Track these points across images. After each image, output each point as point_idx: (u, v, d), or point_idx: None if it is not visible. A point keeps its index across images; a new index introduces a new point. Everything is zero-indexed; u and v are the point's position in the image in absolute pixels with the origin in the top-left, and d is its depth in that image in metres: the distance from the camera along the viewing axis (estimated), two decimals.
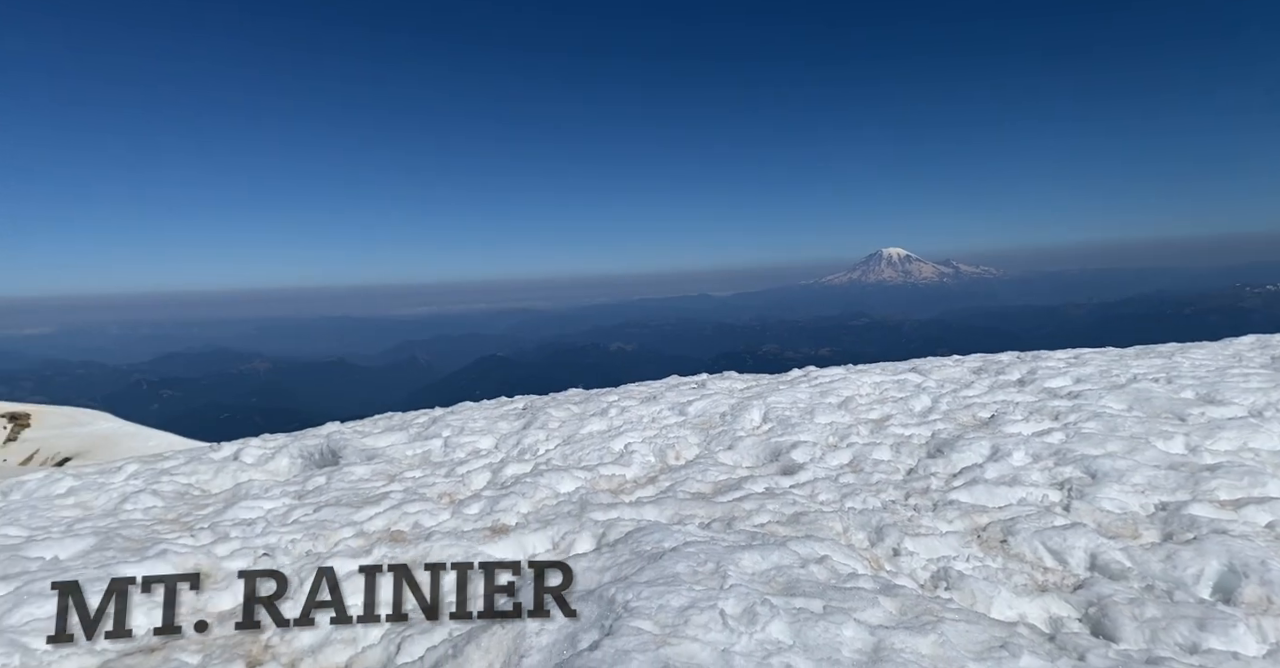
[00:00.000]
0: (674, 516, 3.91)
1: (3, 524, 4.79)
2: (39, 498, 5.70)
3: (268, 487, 5.47)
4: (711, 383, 7.88)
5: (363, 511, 4.48)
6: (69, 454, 41.07)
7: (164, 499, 5.39)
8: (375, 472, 5.67)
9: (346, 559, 3.64)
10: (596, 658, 2.04)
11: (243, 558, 3.79)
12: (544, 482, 4.78)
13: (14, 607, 3.11)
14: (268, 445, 7.04)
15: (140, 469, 6.49)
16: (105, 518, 4.95)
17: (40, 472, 7.42)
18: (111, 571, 3.48)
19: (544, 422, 6.64)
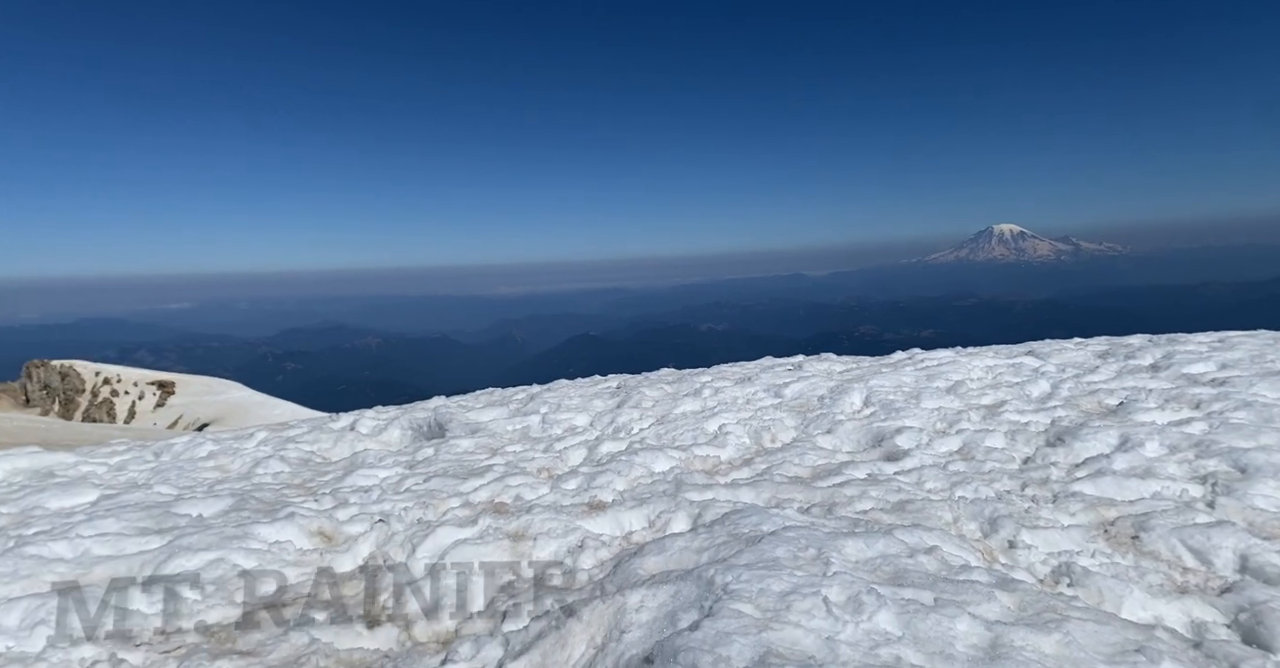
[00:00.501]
0: (771, 499, 3.85)
1: (156, 483, 5.31)
2: (184, 460, 6.28)
3: (381, 456, 5.80)
4: (809, 365, 7.70)
5: (468, 482, 4.66)
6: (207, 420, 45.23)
7: (290, 465, 5.81)
8: (479, 445, 5.90)
9: (454, 528, 3.80)
10: (697, 639, 2.03)
11: (361, 523, 4.03)
12: (639, 460, 4.82)
13: (168, 558, 3.43)
14: (380, 417, 7.46)
15: (269, 437, 7.03)
16: (240, 481, 5.39)
17: (185, 436, 8.19)
18: (248, 530, 3.79)
19: (637, 401, 6.69)
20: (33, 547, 3.62)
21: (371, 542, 3.82)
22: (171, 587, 3.16)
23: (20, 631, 2.69)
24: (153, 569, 3.39)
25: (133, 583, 3.23)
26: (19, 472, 5.92)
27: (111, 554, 3.62)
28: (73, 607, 2.84)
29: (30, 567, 3.37)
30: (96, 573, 3.41)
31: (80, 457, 6.48)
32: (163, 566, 3.40)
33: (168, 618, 2.93)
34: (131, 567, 3.44)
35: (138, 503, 4.60)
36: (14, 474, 5.87)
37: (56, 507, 4.70)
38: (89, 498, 4.87)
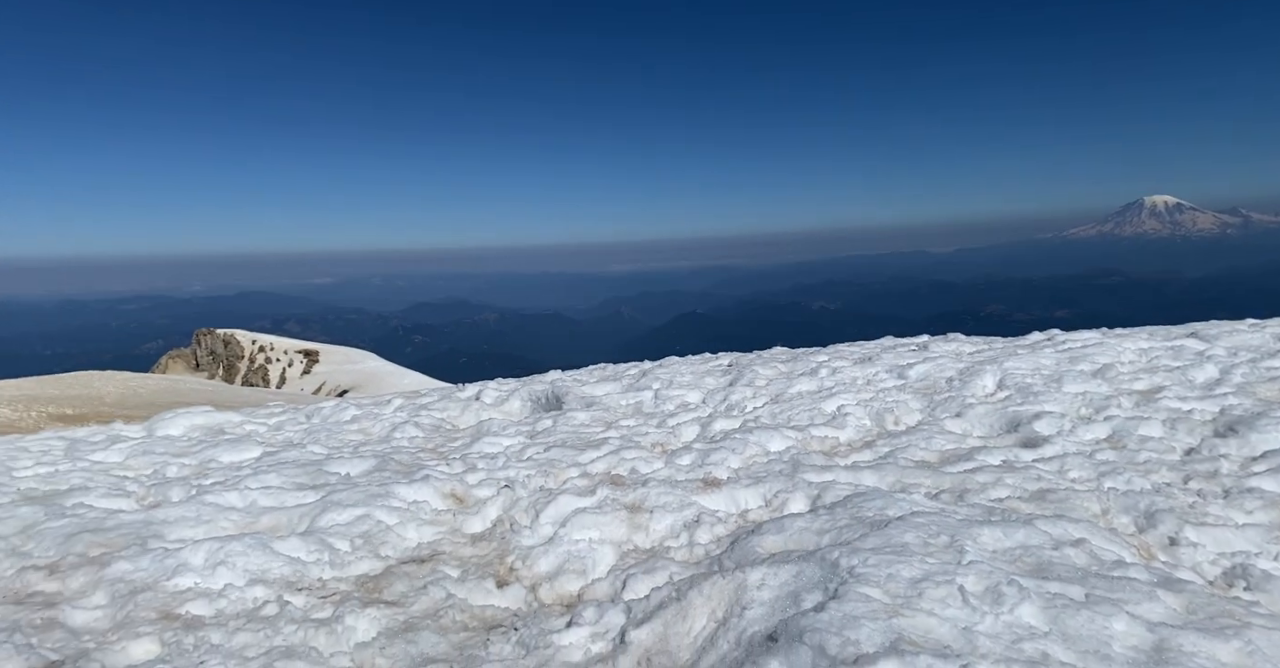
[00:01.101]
0: (895, 483, 3.71)
1: (309, 443, 5.83)
2: (332, 423, 6.85)
3: (504, 426, 6.08)
4: (935, 345, 7.31)
5: (585, 453, 4.79)
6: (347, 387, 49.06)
7: (424, 431, 6.21)
8: (594, 418, 6.05)
9: (574, 497, 3.92)
10: (823, 620, 2.00)
11: (489, 488, 4.25)
12: (753, 439, 4.77)
13: (322, 512, 3.77)
14: (502, 389, 7.80)
15: (404, 404, 7.52)
16: (381, 444, 5.82)
17: (332, 401, 8.93)
18: (389, 489, 4.09)
19: (750, 379, 6.61)
20: (211, 496, 4.08)
21: (499, 506, 4.02)
22: (326, 538, 3.46)
23: (205, 569, 3.04)
24: (309, 522, 3.73)
25: (294, 533, 3.57)
26: (196, 428, 6.68)
27: (274, 506, 4.01)
28: (246, 551, 3.18)
29: (210, 513, 3.81)
30: (263, 522, 3.80)
31: (245, 417, 7.21)
32: (318, 519, 3.74)
33: (324, 566, 3.22)
34: (292, 518, 3.80)
35: (294, 460, 5.07)
36: (192, 430, 6.63)
37: (228, 461, 5.26)
38: (254, 454, 5.43)
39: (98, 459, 5.38)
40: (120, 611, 2.72)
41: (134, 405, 24.25)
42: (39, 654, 2.28)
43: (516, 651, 2.46)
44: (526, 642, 2.50)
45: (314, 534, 3.50)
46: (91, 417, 20.16)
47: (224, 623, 2.63)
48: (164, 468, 5.05)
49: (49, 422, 19.59)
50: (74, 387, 30.29)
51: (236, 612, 2.75)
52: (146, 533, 3.52)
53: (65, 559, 3.24)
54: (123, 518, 3.74)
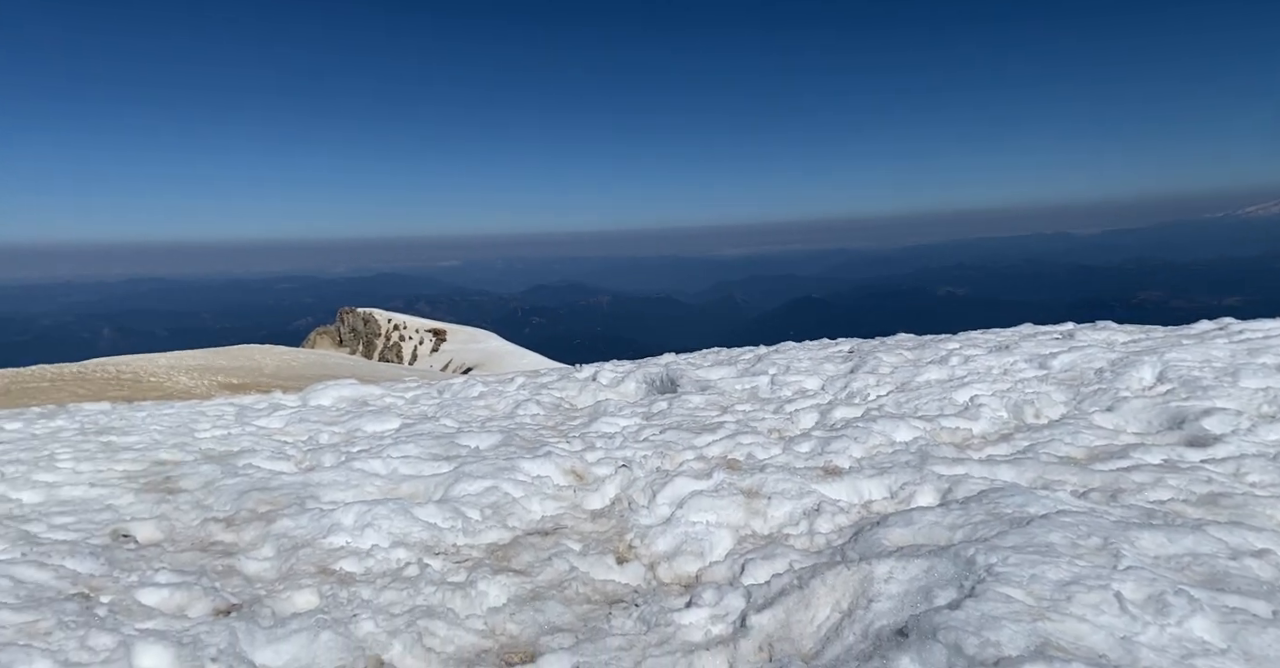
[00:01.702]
0: (1036, 479, 3.46)
1: (441, 416, 6.20)
2: (461, 398, 7.25)
3: (621, 407, 6.19)
4: (1082, 333, 6.73)
5: (701, 437, 4.80)
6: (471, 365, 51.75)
7: (544, 409, 6.44)
8: (709, 402, 6.04)
9: (690, 479, 3.94)
10: (959, 618, 1.90)
11: (607, 466, 4.35)
12: (877, 428, 4.60)
13: (455, 482, 4.00)
14: (618, 370, 7.95)
15: (526, 382, 7.84)
16: (505, 419, 6.10)
17: (459, 378, 9.44)
18: (515, 464, 4.28)
19: (873, 366, 6.37)
20: (358, 462, 4.44)
21: (617, 484, 4.12)
22: (459, 507, 3.68)
23: (354, 530, 3.31)
24: (444, 491, 3.98)
25: (430, 500, 3.82)
26: (343, 399, 7.27)
27: (413, 474, 4.31)
28: (390, 515, 3.43)
29: (357, 479, 4.14)
30: (403, 489, 4.08)
31: (384, 390, 7.77)
32: (451, 488, 3.98)
33: (458, 533, 3.42)
34: (428, 487, 4.06)
35: (429, 432, 5.41)
36: (340, 401, 7.22)
37: (371, 430, 5.70)
38: (393, 425, 5.84)
39: (262, 425, 5.98)
40: (285, 563, 3.02)
41: (288, 376, 26.76)
42: (222, 597, 2.57)
43: (638, 626, 2.52)
44: (647, 618, 2.55)
45: (448, 503, 3.73)
46: (253, 386, 22.46)
47: (372, 581, 2.85)
48: (317, 435, 5.54)
49: (219, 389, 22.01)
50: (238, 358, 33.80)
51: (382, 571, 2.98)
52: (304, 494, 3.87)
53: (239, 514, 3.63)
54: (284, 479, 4.14)
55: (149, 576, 2.67)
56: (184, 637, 2.12)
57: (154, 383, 22.46)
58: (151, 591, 2.54)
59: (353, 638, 2.32)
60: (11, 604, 2.12)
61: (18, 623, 2.01)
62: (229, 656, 2.07)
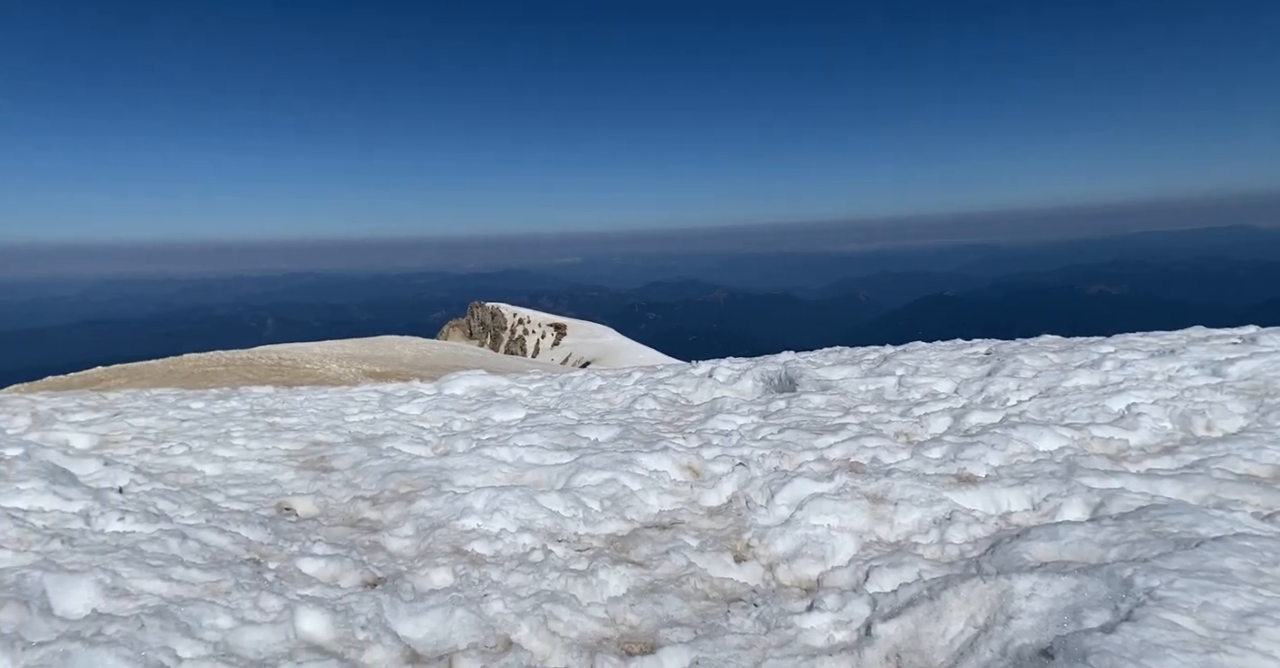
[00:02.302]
0: (1208, 497, 3.10)
1: (562, 408, 6.41)
2: (581, 391, 7.46)
3: (737, 404, 6.14)
4: (1267, 338, 5.95)
5: (821, 438, 4.67)
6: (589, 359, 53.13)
7: (661, 404, 6.51)
8: (829, 402, 5.87)
9: (809, 481, 3.85)
10: (1115, 643, 1.74)
11: (723, 464, 4.33)
12: (1017, 435, 4.29)
13: (576, 473, 4.13)
14: (734, 368, 7.89)
15: (643, 378, 7.95)
16: (623, 413, 6.21)
17: (580, 371, 9.74)
18: (633, 457, 4.35)
19: (1014, 369, 5.94)
20: (487, 449, 4.67)
21: (734, 483, 4.09)
22: (580, 497, 3.79)
23: (484, 513, 3.50)
24: (565, 480, 4.11)
25: (553, 489, 3.96)
26: (474, 389, 7.69)
27: (537, 463, 4.48)
28: (517, 501, 3.59)
29: (487, 465, 4.36)
30: (528, 477, 4.26)
31: (511, 381, 8.14)
32: (572, 478, 4.10)
33: (579, 523, 3.53)
34: (551, 476, 4.21)
35: (551, 423, 5.61)
36: (471, 391, 7.64)
37: (499, 420, 5.98)
38: (519, 415, 6.10)
39: (402, 411, 6.44)
40: (423, 542, 3.24)
41: (424, 366, 28.62)
42: (369, 571, 2.80)
43: (757, 626, 2.49)
44: (767, 619, 2.52)
45: (570, 492, 3.85)
46: (393, 374, 24.21)
47: (500, 563, 3.00)
48: (451, 422, 5.89)
49: (364, 376, 23.89)
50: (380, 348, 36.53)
51: (510, 555, 3.12)
52: (440, 478, 4.13)
53: (383, 493, 3.93)
54: (422, 463, 4.43)
55: (307, 546, 2.95)
56: (337, 605, 2.32)
57: (309, 369, 24.73)
58: (310, 560, 2.80)
59: (484, 617, 2.45)
60: (200, 565, 2.41)
61: (205, 582, 2.28)
62: (376, 625, 2.24)
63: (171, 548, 2.49)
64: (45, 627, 1.76)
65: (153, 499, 3.13)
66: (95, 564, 2.16)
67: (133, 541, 2.50)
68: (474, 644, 2.30)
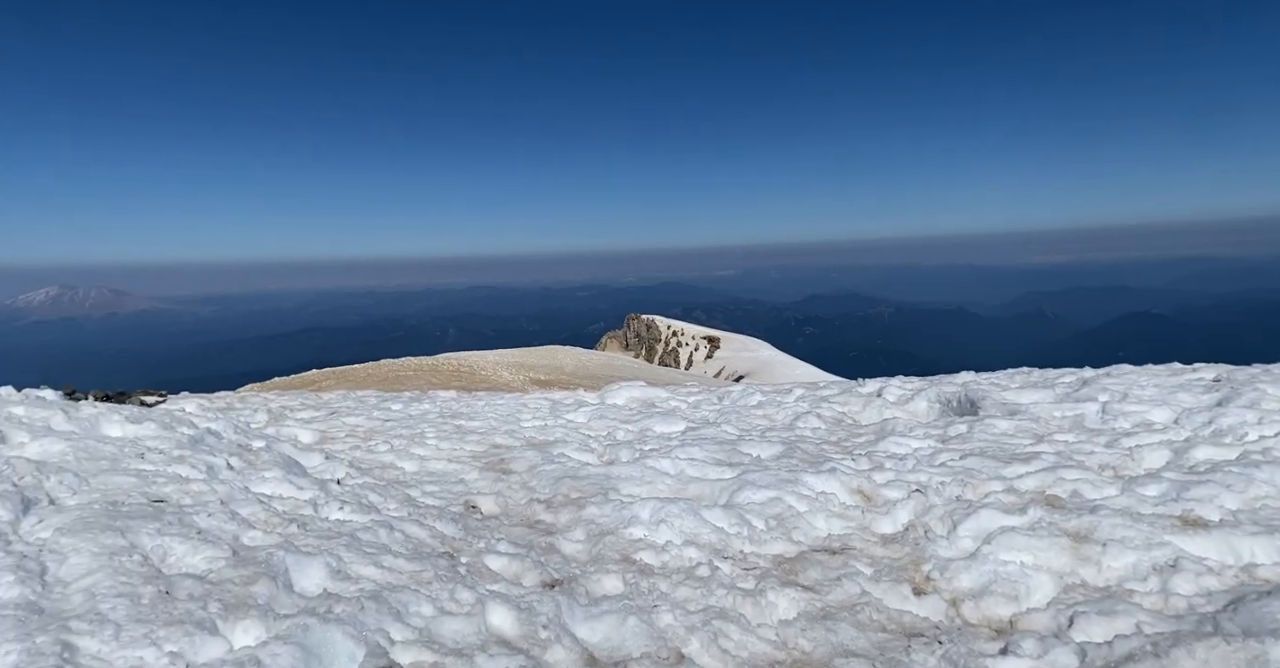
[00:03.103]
0: None
1: (722, 422, 6.40)
2: (740, 406, 7.40)
3: (910, 426, 5.80)
4: None
5: (1011, 467, 4.29)
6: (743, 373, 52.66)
7: (825, 423, 6.29)
8: (1019, 428, 5.38)
9: (998, 513, 3.55)
10: None
11: (897, 489, 4.10)
12: (1261, 476, 3.69)
13: (739, 489, 4.09)
14: (906, 387, 7.45)
15: (805, 394, 7.74)
16: (785, 431, 6.08)
17: (737, 386, 9.67)
18: (798, 477, 4.24)
19: (1253, 399, 5.11)
20: (650, 460, 4.76)
21: (910, 510, 3.86)
22: (743, 514, 3.75)
23: (650, 524, 3.56)
24: (728, 496, 4.09)
25: (716, 504, 3.95)
26: (634, 400, 7.88)
27: (698, 477, 4.50)
28: (681, 514, 3.63)
29: (650, 476, 4.44)
30: (691, 490, 4.28)
31: (669, 393, 8.25)
32: (735, 494, 4.07)
33: (744, 541, 3.49)
34: (714, 490, 4.21)
35: (712, 437, 5.62)
36: (631, 402, 7.84)
37: (660, 431, 6.09)
38: (679, 428, 6.17)
39: (570, 418, 6.74)
40: (594, 547, 3.36)
41: (583, 375, 29.84)
42: (548, 572, 2.95)
43: (942, 665, 2.33)
44: (954, 659, 2.34)
45: (733, 509, 3.82)
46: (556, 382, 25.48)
47: (668, 575, 3.04)
48: (614, 431, 6.08)
49: (530, 384, 25.36)
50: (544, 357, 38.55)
51: (676, 567, 3.15)
52: (606, 485, 4.26)
53: (555, 497, 4.13)
54: (590, 470, 4.60)
55: (492, 544, 3.16)
56: (521, 602, 2.46)
57: (483, 375, 26.63)
58: (494, 557, 3.00)
59: (655, 628, 2.49)
60: (405, 555, 2.67)
61: (410, 571, 2.52)
62: (556, 625, 2.35)
63: (381, 538, 2.78)
64: (288, 601, 2.03)
65: (364, 492, 3.51)
66: (324, 548, 2.46)
67: (351, 529, 2.82)
68: (647, 654, 2.35)
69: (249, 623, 1.82)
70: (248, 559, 2.22)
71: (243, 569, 2.13)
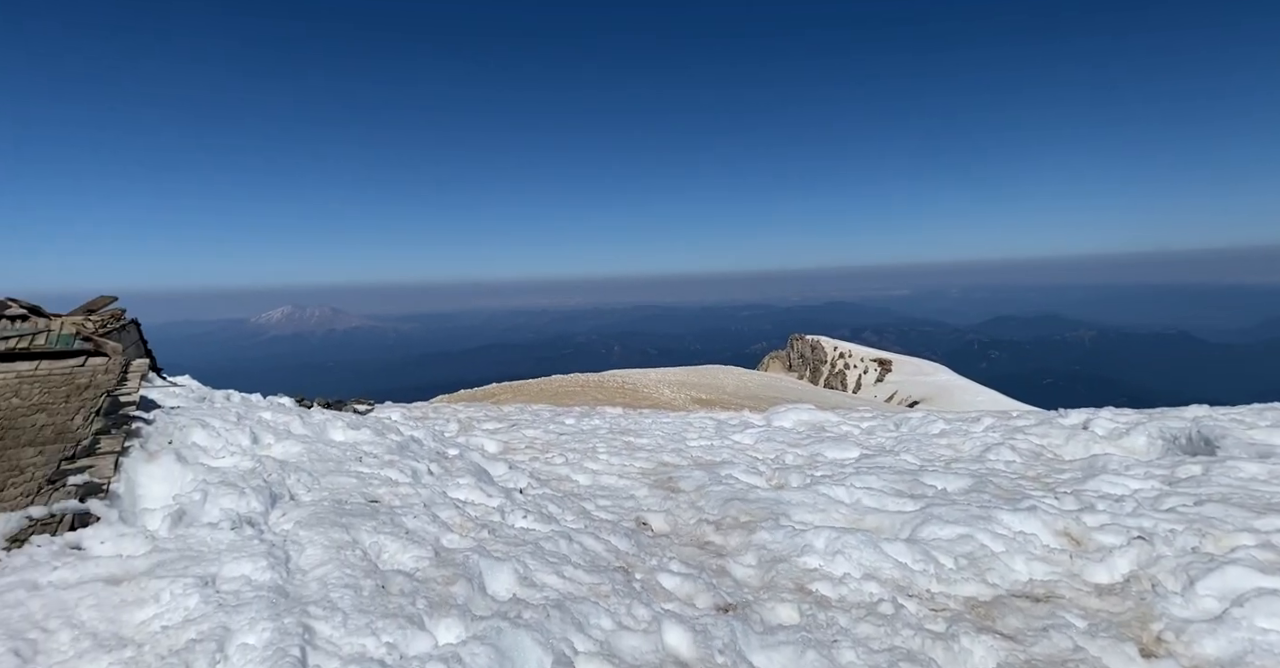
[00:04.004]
0: None
1: (899, 450, 6.02)
2: (920, 434, 6.92)
3: (1126, 464, 5.11)
4: None
5: (1265, 518, 3.65)
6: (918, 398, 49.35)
7: (1021, 456, 5.71)
8: (1272, 473, 4.55)
9: (1250, 571, 3.02)
10: None
11: (1114, 535, 3.62)
12: None
13: (922, 523, 3.81)
14: (1119, 420, 6.59)
15: (995, 424, 7.08)
16: (973, 463, 5.59)
17: (916, 412, 9.06)
18: (991, 513, 3.87)
19: None
20: (822, 487, 4.58)
21: (1131, 559, 3.38)
22: (929, 550, 3.48)
23: (826, 554, 3.41)
24: (910, 530, 3.81)
25: (897, 537, 3.70)
26: (803, 423, 7.65)
27: (876, 507, 4.25)
28: (859, 546, 3.44)
29: (823, 503, 4.26)
30: (868, 521, 4.05)
31: (840, 417, 7.92)
32: (919, 529, 3.79)
33: (930, 579, 3.23)
34: (894, 523, 3.95)
35: (889, 466, 5.29)
36: (799, 425, 7.61)
37: (832, 457, 5.84)
38: (853, 454, 5.89)
39: (736, 440, 6.67)
40: (766, 574, 3.27)
41: (744, 396, 29.53)
42: (720, 595, 2.91)
43: None
44: None
45: (917, 544, 3.56)
46: (716, 401, 25.43)
47: (847, 609, 2.88)
48: (783, 455, 5.92)
49: (691, 402, 25.52)
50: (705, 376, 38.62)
51: (856, 602, 2.98)
52: (777, 510, 4.15)
53: (724, 519, 4.08)
54: (759, 493, 4.51)
55: (665, 562, 3.19)
56: (696, 624, 2.45)
57: (645, 393, 27.21)
58: (667, 576, 3.02)
59: (836, 663, 2.37)
60: (583, 567, 2.76)
61: (589, 583, 2.60)
62: (732, 651, 2.31)
63: (562, 548, 2.90)
64: (482, 603, 2.17)
65: (544, 502, 3.69)
66: (511, 555, 2.61)
67: (534, 537, 2.97)
68: None
69: (450, 621, 1.96)
70: (447, 561, 2.40)
71: (444, 570, 2.31)
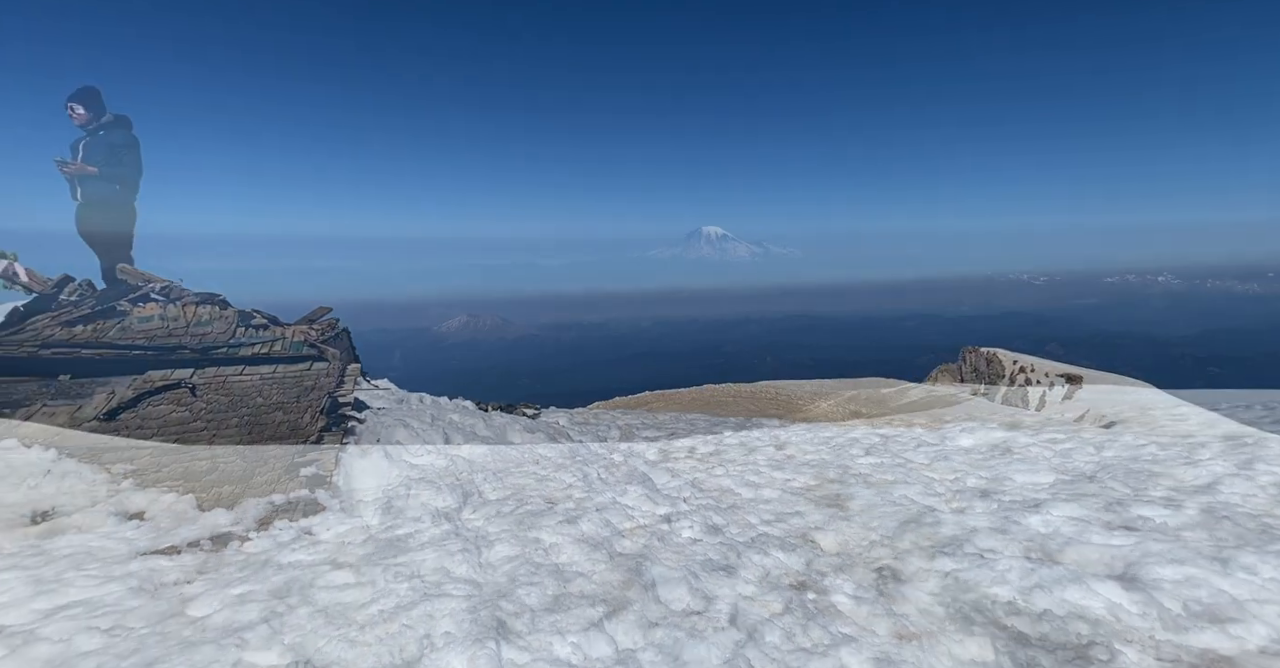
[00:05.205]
0: None
1: (1105, 478, 5.32)
2: (1128, 458, 6.09)
3: None
4: None
5: None
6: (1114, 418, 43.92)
7: (1264, 490, 4.86)
8: None
9: None
10: None
11: None
12: None
13: (1139, 561, 3.34)
14: None
15: (1225, 450, 6.10)
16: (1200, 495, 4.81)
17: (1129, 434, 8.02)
18: (1227, 554, 3.33)
19: None
20: (1012, 514, 4.17)
21: None
22: (1150, 592, 3.05)
23: (1021, 587, 3.08)
24: (1124, 567, 3.36)
25: (1108, 575, 3.27)
26: (984, 442, 7.03)
27: (1078, 539, 3.79)
28: (1062, 582, 3.08)
29: (1015, 531, 3.87)
30: (1069, 554, 3.62)
31: (1030, 437, 7.19)
32: (1134, 566, 3.33)
33: (1153, 622, 2.83)
34: (1103, 558, 3.50)
35: (1092, 494, 4.72)
36: (980, 444, 7.00)
37: (1021, 481, 5.31)
38: (1047, 479, 5.31)
39: (907, 458, 6.26)
40: (950, 604, 3.02)
41: (911, 411, 27.79)
42: (900, 622, 2.73)
43: None
44: None
45: (1136, 585, 3.14)
46: (878, 416, 24.13)
47: (1051, 650, 2.59)
48: (963, 477, 5.47)
49: (851, 416, 24.42)
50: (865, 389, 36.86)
51: (1061, 642, 2.68)
52: (960, 536, 3.83)
53: (900, 542, 3.83)
54: (939, 516, 4.19)
55: (837, 583, 3.04)
56: (878, 653, 2.30)
57: (799, 405, 26.45)
58: (842, 598, 2.87)
59: None
60: (754, 582, 2.70)
61: (760, 599, 2.54)
62: None
63: (730, 560, 2.85)
64: (655, 611, 2.18)
65: (708, 513, 3.66)
66: (682, 565, 2.61)
67: (702, 549, 2.95)
68: None
69: (628, 627, 1.98)
70: (621, 565, 2.44)
71: (618, 574, 2.35)
